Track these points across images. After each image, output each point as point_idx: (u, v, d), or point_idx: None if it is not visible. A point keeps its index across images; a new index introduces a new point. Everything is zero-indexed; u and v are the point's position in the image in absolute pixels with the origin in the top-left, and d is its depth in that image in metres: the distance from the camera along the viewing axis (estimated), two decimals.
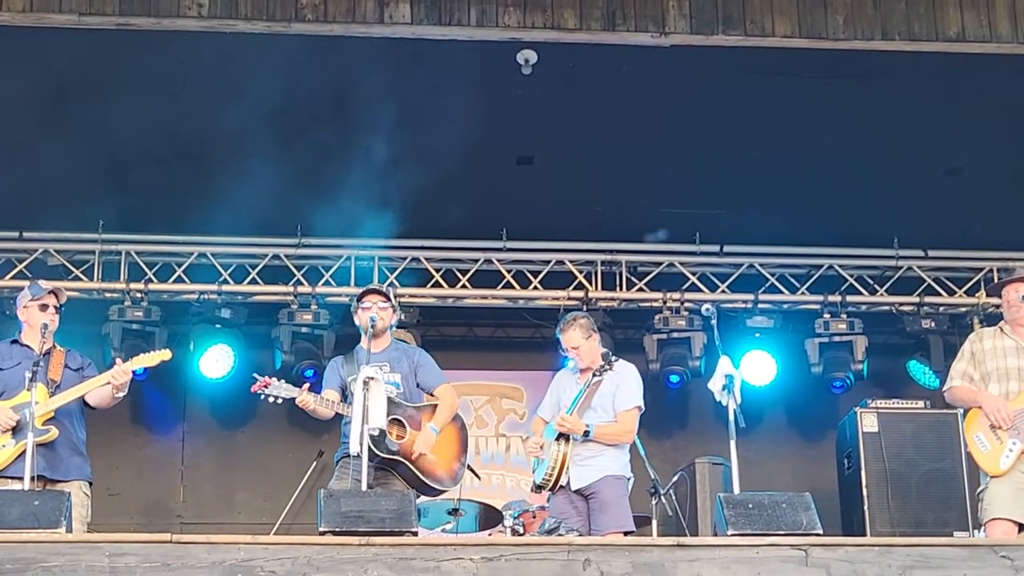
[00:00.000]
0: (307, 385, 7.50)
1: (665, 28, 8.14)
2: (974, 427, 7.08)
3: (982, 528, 7.14)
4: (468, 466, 7.93)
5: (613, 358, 7.72)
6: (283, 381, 7.49)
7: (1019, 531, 6.83)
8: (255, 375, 7.53)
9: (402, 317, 10.77)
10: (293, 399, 7.41)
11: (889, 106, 9.22)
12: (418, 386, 7.70)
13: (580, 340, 7.76)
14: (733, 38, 8.19)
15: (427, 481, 7.47)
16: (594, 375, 7.65)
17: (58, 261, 11.01)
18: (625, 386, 7.74)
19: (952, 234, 11.11)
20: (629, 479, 7.75)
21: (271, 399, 7.47)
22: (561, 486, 7.59)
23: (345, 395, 7.53)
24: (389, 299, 7.78)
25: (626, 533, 7.47)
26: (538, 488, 7.73)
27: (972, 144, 9.68)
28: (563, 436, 7.58)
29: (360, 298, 7.68)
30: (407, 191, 10.15)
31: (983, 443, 7.01)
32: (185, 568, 5.51)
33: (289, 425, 11.24)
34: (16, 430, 6.99)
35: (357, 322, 7.74)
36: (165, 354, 7.54)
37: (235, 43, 8.23)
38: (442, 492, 7.76)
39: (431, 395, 7.70)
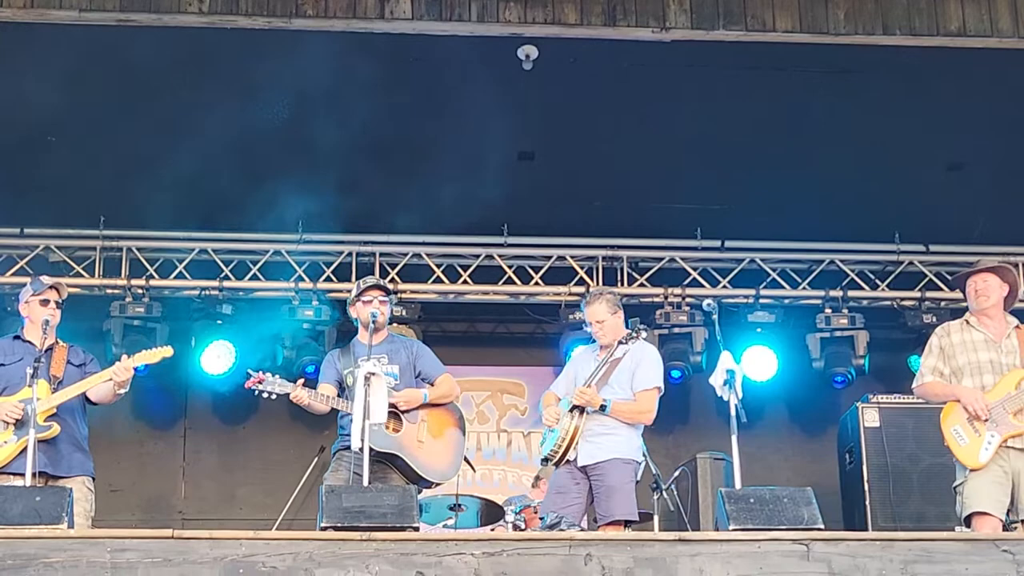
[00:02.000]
0: (301, 380, 7.50)
1: (666, 23, 8.14)
2: (951, 420, 7.02)
3: (963, 523, 7.07)
4: (465, 458, 7.91)
5: (642, 327, 7.69)
6: (277, 376, 7.48)
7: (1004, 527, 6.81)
8: (249, 371, 7.53)
9: (402, 313, 10.83)
10: (287, 395, 7.41)
11: (890, 101, 9.22)
12: (419, 376, 7.69)
13: (606, 314, 7.65)
14: (734, 33, 8.19)
15: (423, 474, 7.46)
16: (620, 342, 7.56)
17: (59, 257, 11.02)
18: (645, 365, 7.64)
19: (953, 229, 11.11)
20: (640, 463, 7.67)
21: (265, 395, 7.47)
22: (567, 460, 7.53)
23: (342, 388, 7.53)
24: (389, 293, 7.78)
25: (629, 523, 7.43)
26: (545, 460, 7.65)
27: (973, 139, 9.67)
28: (577, 409, 7.49)
29: (361, 292, 7.67)
30: (407, 187, 10.17)
31: (961, 436, 6.97)
32: (187, 563, 5.51)
33: (291, 421, 11.23)
34: (18, 426, 6.99)
35: (354, 315, 7.72)
36: (167, 351, 7.53)
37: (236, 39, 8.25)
38: (438, 484, 7.74)
39: (432, 385, 7.70)
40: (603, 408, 7.47)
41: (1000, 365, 7.01)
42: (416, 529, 5.87)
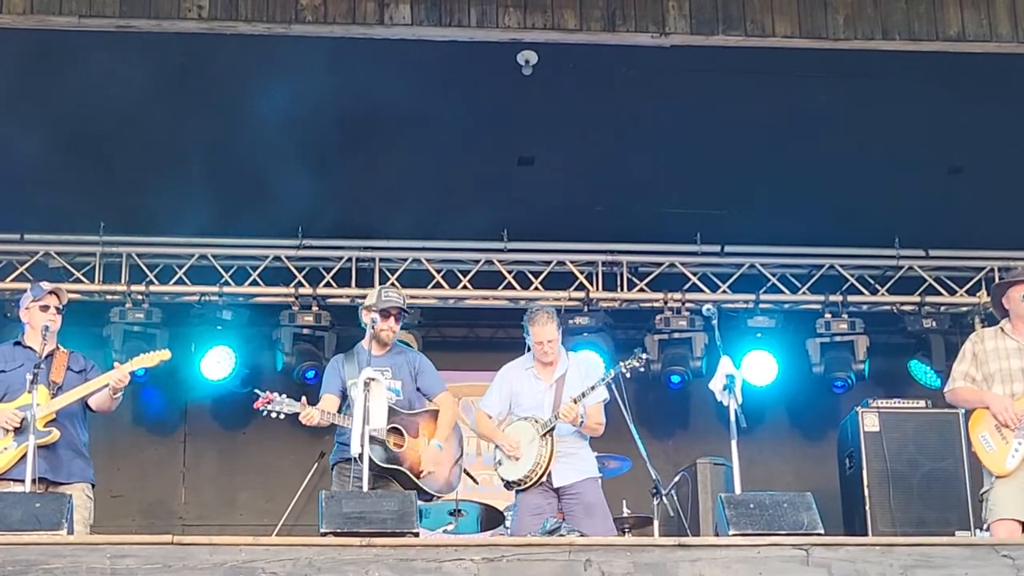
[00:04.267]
0: (304, 399, 7.50)
1: (665, 28, 8.13)
2: (979, 427, 7.04)
3: (985, 528, 7.12)
4: (465, 471, 7.93)
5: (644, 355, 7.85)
6: (284, 396, 7.50)
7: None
8: (256, 391, 7.53)
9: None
10: (296, 414, 7.43)
11: (890, 106, 9.22)
12: (418, 390, 7.71)
13: (556, 333, 7.80)
14: (733, 38, 8.19)
15: (425, 488, 7.48)
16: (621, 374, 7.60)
17: (59, 263, 11.01)
18: (594, 380, 7.76)
19: (953, 234, 11.11)
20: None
21: (274, 415, 7.48)
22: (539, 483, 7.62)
23: (346, 396, 7.53)
24: (403, 317, 7.79)
25: None
26: (512, 484, 7.71)
27: (973, 143, 9.67)
28: (548, 433, 7.59)
29: (383, 309, 7.62)
30: (408, 192, 10.17)
31: (989, 443, 6.97)
32: (186, 569, 5.50)
33: (291, 426, 11.07)
34: (18, 432, 6.98)
35: (366, 319, 7.68)
36: (164, 354, 7.53)
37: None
38: (439, 498, 7.76)
39: (431, 400, 7.71)
40: (580, 423, 7.60)
41: None
42: (416, 534, 5.88)
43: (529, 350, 8.00)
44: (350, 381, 7.50)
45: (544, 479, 7.60)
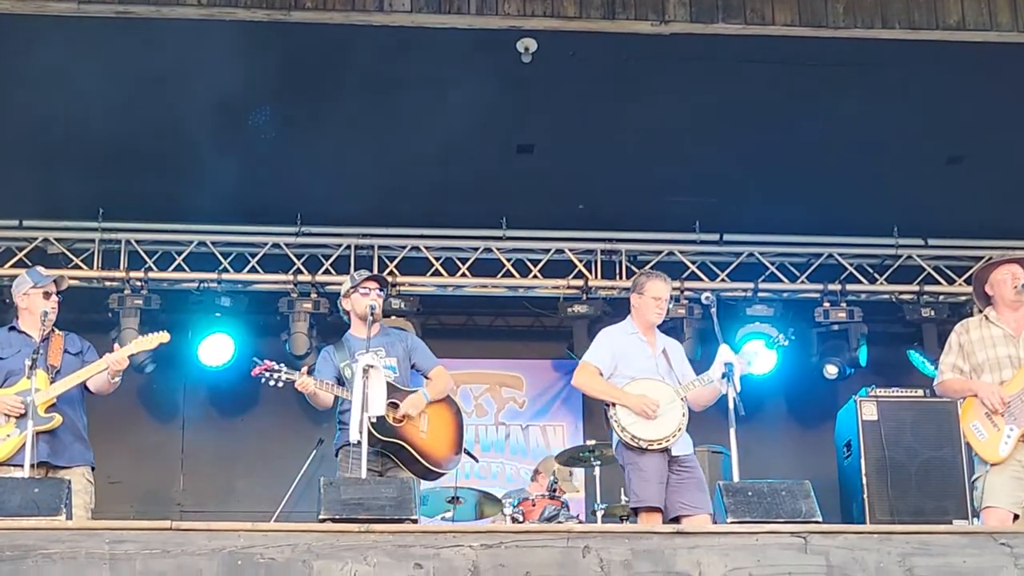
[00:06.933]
0: (305, 368, 7.51)
1: (665, 16, 8.14)
2: (970, 416, 7.03)
3: (977, 515, 7.12)
4: (465, 450, 7.92)
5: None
6: (283, 365, 7.48)
7: (1014, 519, 6.82)
8: (255, 359, 7.52)
9: (401, 306, 10.83)
10: (293, 383, 7.41)
11: (889, 94, 9.22)
12: (413, 368, 7.70)
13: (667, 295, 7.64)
14: (733, 26, 8.19)
15: (428, 465, 7.45)
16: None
17: (58, 249, 11.01)
18: (688, 362, 7.70)
19: (952, 223, 11.11)
20: None
21: (272, 383, 7.45)
22: (664, 449, 7.36)
23: (340, 383, 7.52)
24: (385, 285, 7.77)
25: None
26: (643, 443, 7.29)
27: (972, 133, 9.67)
28: (684, 398, 7.39)
29: (358, 284, 7.65)
30: (407, 179, 10.17)
31: (980, 432, 6.96)
32: (185, 555, 5.51)
33: (289, 413, 11.22)
34: (20, 418, 6.95)
35: (347, 307, 7.69)
36: (163, 336, 7.48)
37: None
38: (442, 475, 7.73)
39: (428, 378, 7.71)
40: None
41: (1019, 360, 7.01)
42: (414, 521, 5.88)
43: (627, 317, 7.73)
44: (343, 364, 7.50)
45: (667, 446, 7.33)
